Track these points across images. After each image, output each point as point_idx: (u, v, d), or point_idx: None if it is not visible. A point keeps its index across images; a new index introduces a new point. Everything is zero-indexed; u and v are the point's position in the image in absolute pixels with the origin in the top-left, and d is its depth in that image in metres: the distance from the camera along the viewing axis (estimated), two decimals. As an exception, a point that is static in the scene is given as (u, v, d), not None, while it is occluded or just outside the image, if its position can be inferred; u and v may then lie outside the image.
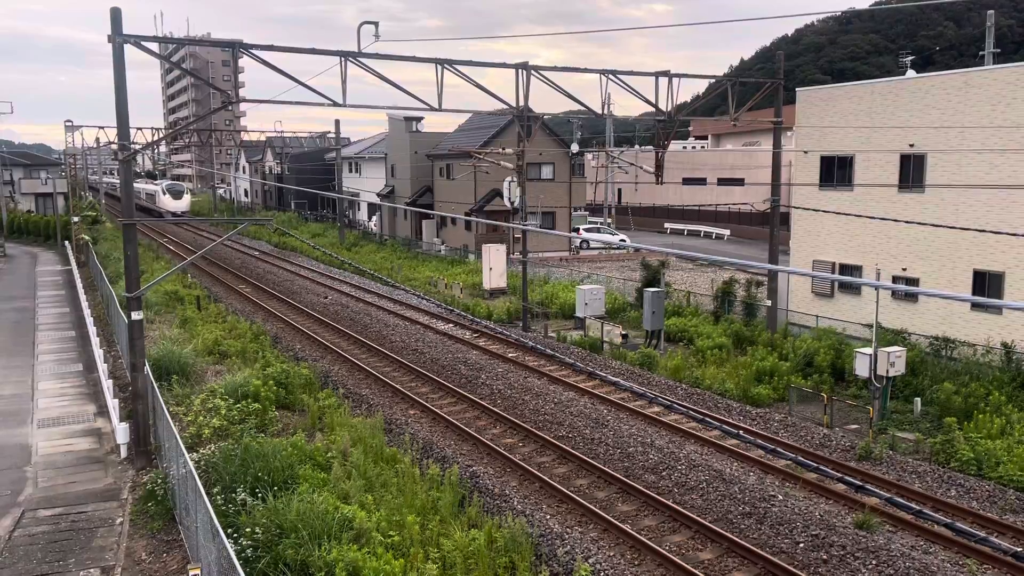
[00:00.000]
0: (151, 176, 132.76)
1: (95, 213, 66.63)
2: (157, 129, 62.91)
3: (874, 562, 12.90)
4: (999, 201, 23.85)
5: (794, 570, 12.58)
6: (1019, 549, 6.50)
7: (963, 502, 15.41)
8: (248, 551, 12.03)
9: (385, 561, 11.69)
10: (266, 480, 14.20)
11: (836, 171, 29.27)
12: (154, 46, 17.85)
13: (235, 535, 12.33)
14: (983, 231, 22.07)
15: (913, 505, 7.14)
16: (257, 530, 12.37)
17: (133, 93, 17.50)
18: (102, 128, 63.23)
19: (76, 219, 55.75)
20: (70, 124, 66.33)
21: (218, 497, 13.73)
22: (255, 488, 14.00)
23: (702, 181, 72.59)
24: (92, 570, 12.66)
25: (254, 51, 19.11)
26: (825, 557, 13.20)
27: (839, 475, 7.95)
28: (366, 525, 12.88)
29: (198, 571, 10.24)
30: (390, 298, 37.94)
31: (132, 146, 17.39)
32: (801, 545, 13.62)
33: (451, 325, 31.69)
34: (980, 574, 12.51)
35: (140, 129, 56.69)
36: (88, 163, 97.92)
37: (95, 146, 79.23)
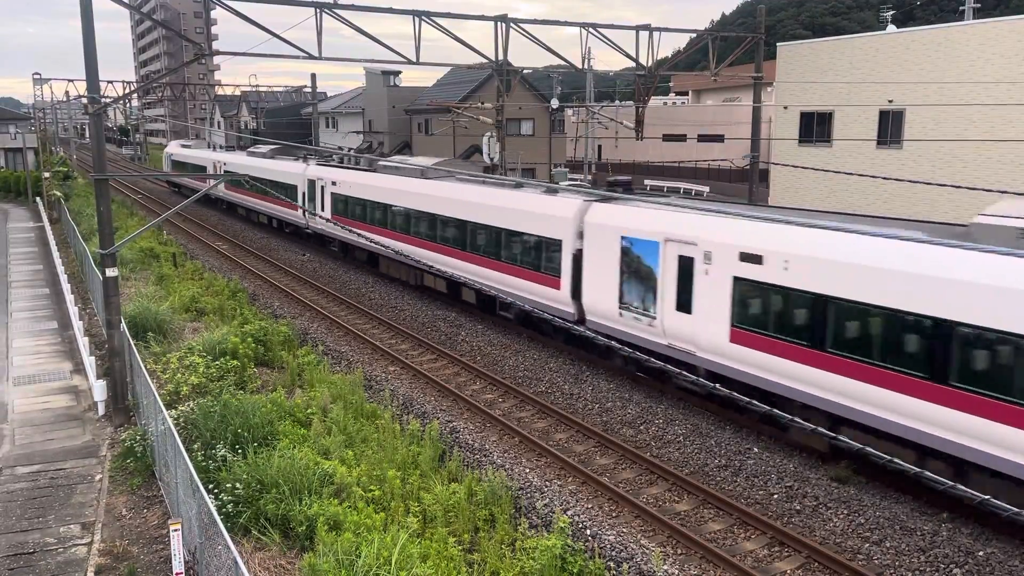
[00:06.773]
0: (124, 133, 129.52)
1: (66, 168, 65.39)
2: (128, 83, 61.50)
3: (845, 511, 13.21)
4: (975, 157, 24.00)
5: (766, 520, 12.87)
6: (986, 497, 6.66)
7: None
8: (229, 506, 12.10)
9: (366, 515, 11.82)
10: (246, 436, 14.23)
11: (816, 127, 29.28)
12: (123, -5, 17.36)
13: (216, 491, 12.39)
14: (959, 187, 22.24)
15: (884, 455, 7.27)
16: (238, 486, 12.42)
17: (103, 45, 17.09)
18: (72, 81, 61.84)
19: (47, 175, 54.71)
20: (38, 77, 64.76)
21: (198, 454, 13.75)
22: (235, 444, 14.03)
23: (682, 137, 72.32)
24: (72, 526, 12.69)
25: (227, 1, 18.67)
26: (799, 507, 13.50)
27: (812, 427, 8.08)
28: (347, 480, 12.99)
29: (179, 526, 10.30)
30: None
31: (103, 100, 17.01)
32: (775, 496, 13.90)
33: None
34: (948, 521, 12.84)
35: (111, 82, 55.50)
36: (58, 117, 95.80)
37: (65, 100, 77.47)
